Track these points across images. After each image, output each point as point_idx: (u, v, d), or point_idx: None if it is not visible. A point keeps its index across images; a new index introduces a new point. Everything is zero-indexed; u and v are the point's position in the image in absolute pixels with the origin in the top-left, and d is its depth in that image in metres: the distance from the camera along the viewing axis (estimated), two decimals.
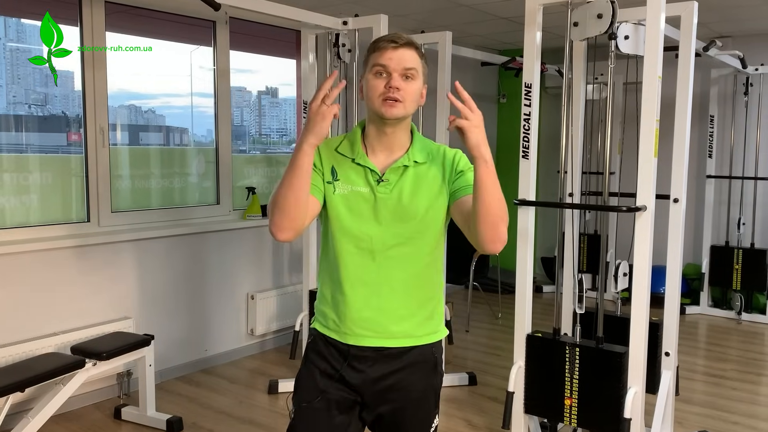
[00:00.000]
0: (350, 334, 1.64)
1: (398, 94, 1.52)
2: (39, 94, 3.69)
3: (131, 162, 4.12)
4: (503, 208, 1.52)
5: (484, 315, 5.54)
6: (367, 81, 1.57)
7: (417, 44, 1.58)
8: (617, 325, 2.93)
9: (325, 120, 1.43)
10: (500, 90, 6.88)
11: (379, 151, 1.63)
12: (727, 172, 5.61)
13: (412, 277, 1.63)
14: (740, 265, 5.38)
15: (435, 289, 1.70)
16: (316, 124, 1.43)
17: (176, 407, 3.56)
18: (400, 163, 1.61)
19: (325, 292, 1.69)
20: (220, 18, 4.26)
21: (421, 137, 1.68)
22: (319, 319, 1.71)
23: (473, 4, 4.49)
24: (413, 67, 1.54)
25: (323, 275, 1.70)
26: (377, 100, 1.54)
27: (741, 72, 5.27)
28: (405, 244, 1.61)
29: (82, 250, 3.56)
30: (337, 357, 1.66)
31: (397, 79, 1.53)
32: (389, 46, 1.53)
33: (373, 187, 1.61)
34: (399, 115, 1.55)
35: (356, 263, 1.61)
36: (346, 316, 1.63)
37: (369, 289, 1.61)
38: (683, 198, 3.01)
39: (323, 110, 1.43)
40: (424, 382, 1.69)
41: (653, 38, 2.48)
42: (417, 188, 1.61)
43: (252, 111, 5.12)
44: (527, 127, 2.78)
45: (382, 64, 1.53)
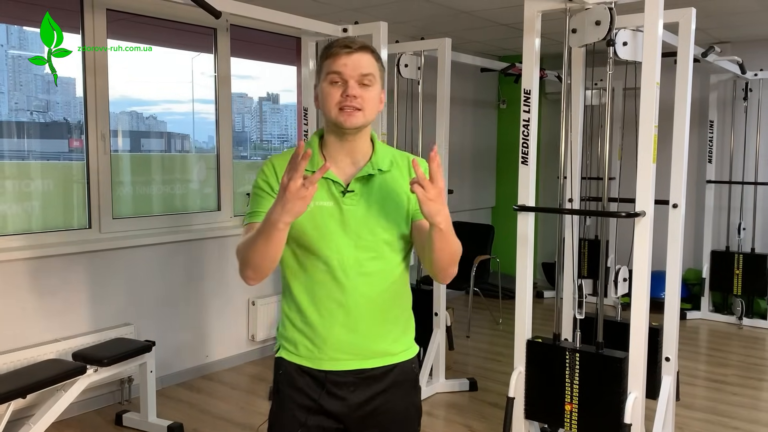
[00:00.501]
0: (326, 360, 1.53)
1: (356, 102, 1.45)
2: (41, 101, 3.71)
3: (132, 168, 4.14)
4: (455, 256, 1.50)
5: (485, 320, 5.55)
6: (322, 90, 1.48)
7: (372, 47, 1.51)
8: (617, 330, 2.93)
9: (305, 202, 1.31)
10: (500, 96, 6.91)
11: (339, 160, 1.54)
12: (727, 177, 5.62)
13: (385, 292, 1.54)
14: (741, 270, 5.38)
15: (407, 301, 1.64)
16: (295, 206, 1.31)
17: (177, 413, 3.57)
18: (365, 172, 1.52)
19: (292, 317, 1.56)
20: (220, 25, 4.28)
21: (382, 144, 1.61)
22: (287, 347, 1.58)
23: (473, 10, 4.51)
24: (370, 72, 1.47)
25: (288, 300, 1.58)
26: (334, 110, 1.46)
27: (740, 77, 5.29)
28: (377, 257, 1.52)
29: (84, 257, 3.57)
30: (313, 386, 1.55)
31: (353, 87, 1.45)
32: (343, 51, 1.45)
33: (339, 199, 1.50)
34: (359, 124, 1.47)
35: (328, 283, 1.50)
36: (322, 341, 1.52)
37: (344, 310, 1.51)
38: (682, 203, 3.02)
39: (303, 194, 1.29)
40: (406, 400, 1.63)
41: (651, 44, 2.49)
42: (384, 197, 1.53)
43: (253, 117, 5.14)
44: (526, 133, 2.79)
45: (336, 71, 1.45)
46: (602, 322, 2.77)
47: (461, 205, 6.20)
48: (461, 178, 6.31)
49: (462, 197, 6.21)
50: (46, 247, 3.42)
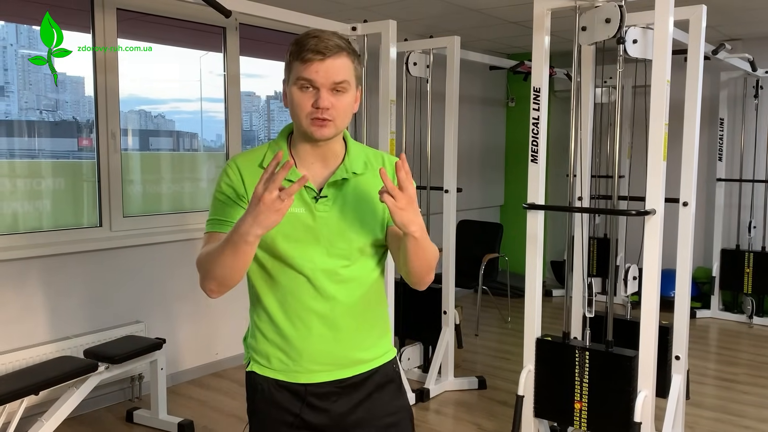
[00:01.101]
0: (303, 372, 1.46)
1: (327, 113, 1.36)
2: (50, 100, 3.73)
3: (142, 167, 4.16)
4: (432, 263, 1.46)
5: (494, 319, 5.54)
6: (292, 94, 1.39)
7: (346, 46, 1.39)
8: (627, 328, 2.93)
9: (280, 215, 1.23)
10: (509, 93, 6.89)
11: (310, 163, 1.45)
12: (738, 175, 5.59)
13: (362, 299, 1.48)
14: (751, 268, 5.35)
15: (384, 306, 1.58)
16: (268, 218, 1.22)
17: (187, 411, 3.59)
18: (338, 176, 1.44)
19: (264, 329, 1.48)
20: (230, 24, 4.29)
21: (356, 143, 1.52)
22: (259, 361, 1.50)
23: (481, 8, 4.50)
24: (344, 79, 1.37)
25: (258, 311, 1.50)
26: (305, 120, 1.38)
27: (751, 75, 5.25)
28: (352, 264, 1.46)
29: (95, 255, 3.59)
30: (292, 401, 1.47)
31: (325, 97, 1.35)
32: (315, 58, 1.34)
33: (311, 206, 1.42)
34: (330, 136, 1.40)
35: (301, 293, 1.43)
36: (299, 353, 1.45)
37: (319, 319, 1.44)
38: (693, 201, 3.01)
39: (278, 206, 1.21)
40: (395, 404, 1.55)
41: (661, 42, 2.48)
42: (359, 202, 1.46)
43: (261, 116, 5.16)
44: (536, 131, 2.79)
45: (307, 78, 1.35)
46: (612, 320, 2.77)
47: (470, 203, 6.19)
48: (470, 177, 6.30)
49: (470, 195, 6.21)
50: (57, 245, 3.45)
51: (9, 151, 3.55)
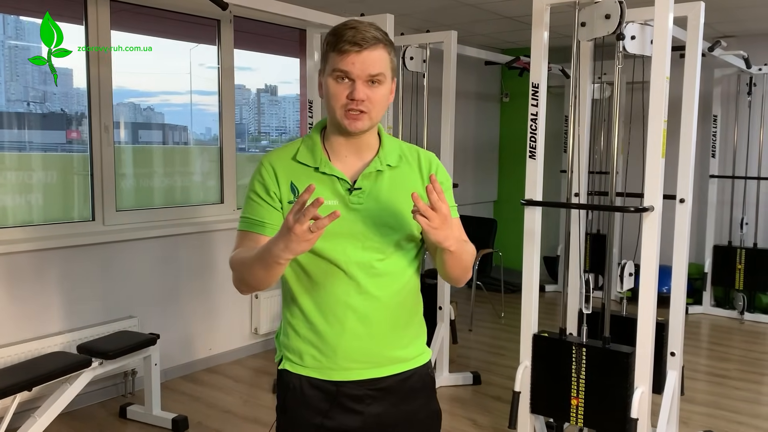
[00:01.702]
0: (337, 369, 1.44)
1: (363, 105, 1.36)
2: (38, 92, 3.69)
3: (134, 160, 4.12)
4: (469, 264, 1.47)
5: (488, 314, 5.55)
6: (327, 85, 1.38)
7: (383, 38, 1.38)
8: (622, 325, 2.93)
9: (310, 244, 1.23)
10: (503, 89, 6.89)
11: (344, 156, 1.45)
12: (730, 172, 5.61)
13: (397, 294, 1.46)
14: (743, 264, 5.38)
15: (419, 305, 1.56)
16: (299, 246, 1.22)
17: (181, 406, 3.56)
18: (372, 168, 1.44)
19: (297, 326, 1.47)
20: (224, 17, 4.25)
21: (390, 137, 1.52)
22: (291, 358, 1.49)
23: (477, 3, 4.49)
24: (380, 72, 1.37)
25: (291, 307, 1.48)
26: (339, 111, 1.37)
27: (744, 72, 5.27)
28: (387, 258, 1.44)
29: (88, 249, 3.56)
30: (323, 401, 1.46)
31: (361, 89, 1.35)
32: (352, 50, 1.33)
33: (345, 198, 1.41)
34: (365, 128, 1.40)
35: (335, 287, 1.42)
36: (332, 350, 1.43)
37: (355, 315, 1.42)
38: (689, 198, 3.02)
39: (309, 237, 1.20)
40: (427, 409, 1.55)
41: (661, 38, 2.48)
42: (393, 194, 1.44)
43: (251, 109, 5.12)
44: (534, 127, 2.78)
45: (343, 69, 1.35)
46: (609, 316, 2.77)
47: (464, 198, 6.19)
48: (464, 172, 6.29)
49: (464, 191, 6.21)
50: (50, 239, 3.41)
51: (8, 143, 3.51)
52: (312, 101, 3.69)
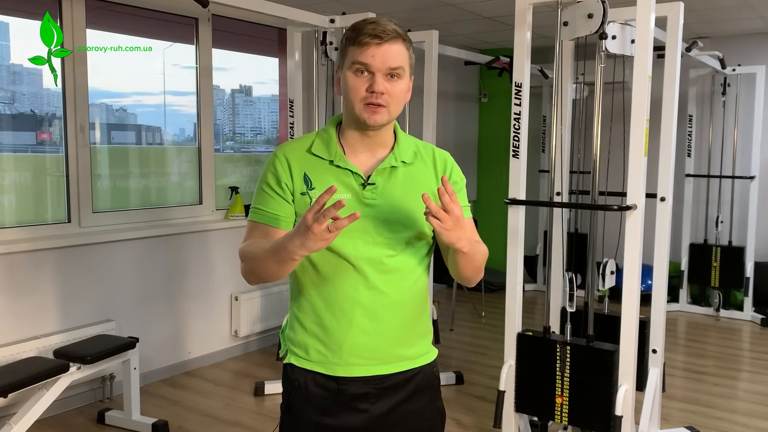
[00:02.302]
0: (342, 365, 1.43)
1: (382, 98, 1.36)
2: (6, 92, 3.60)
3: (110, 161, 4.05)
4: (481, 264, 1.47)
5: (468, 314, 5.56)
6: (346, 78, 1.38)
7: (403, 33, 1.38)
8: (605, 323, 2.95)
9: (327, 243, 1.24)
10: (481, 89, 6.90)
11: (359, 151, 1.45)
12: (706, 171, 5.69)
13: (406, 291, 1.46)
14: (718, 262, 5.46)
15: (426, 304, 1.56)
16: (316, 244, 1.23)
17: (161, 410, 3.50)
18: (386, 164, 1.43)
19: (304, 320, 1.46)
20: (202, 15, 4.20)
21: (405, 134, 1.52)
22: (297, 352, 1.48)
23: (457, 2, 4.49)
24: (400, 65, 1.37)
25: (300, 301, 1.47)
26: (358, 104, 1.37)
27: (719, 72, 5.35)
28: (398, 254, 1.43)
29: (64, 252, 3.48)
30: (328, 398, 1.45)
31: (380, 82, 1.35)
32: (372, 42, 1.33)
33: (358, 192, 1.41)
34: (383, 122, 1.39)
35: (344, 283, 1.41)
36: (338, 345, 1.43)
37: (363, 311, 1.41)
38: (670, 197, 3.05)
39: (326, 236, 1.21)
40: (431, 407, 1.54)
41: (643, 38, 2.50)
42: (407, 191, 1.44)
43: (225, 110, 5.07)
44: (518, 126, 2.78)
45: (363, 62, 1.35)
46: (592, 315, 2.78)
47: None
48: None
49: None
50: (24, 242, 3.33)
51: None
52: (293, 100, 3.65)
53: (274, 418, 3.47)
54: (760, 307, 5.37)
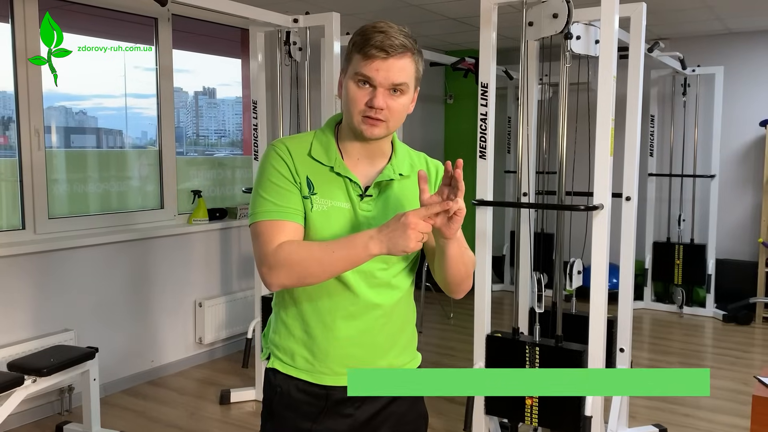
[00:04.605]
0: (328, 374, 1.42)
1: (381, 114, 1.33)
2: None
3: (68, 166, 3.91)
4: (470, 269, 1.45)
5: (436, 315, 5.54)
6: (347, 87, 1.35)
7: (412, 46, 1.34)
8: (573, 323, 2.95)
9: (418, 244, 1.24)
10: (446, 90, 6.91)
11: (357, 159, 1.43)
12: (668, 170, 5.78)
13: (396, 304, 1.46)
14: (681, 260, 5.55)
15: (413, 314, 1.56)
16: (408, 243, 1.23)
17: (123, 422, 3.40)
18: (385, 176, 1.42)
19: (291, 325, 1.44)
20: (162, 15, 4.10)
21: (402, 144, 1.50)
22: (282, 358, 1.45)
23: (422, 3, 4.47)
24: (404, 81, 1.33)
25: (289, 307, 1.45)
26: (357, 116, 1.34)
27: (679, 73, 5.44)
28: (390, 267, 1.43)
29: (18, 260, 3.35)
30: (313, 404, 1.43)
31: (381, 98, 1.32)
32: (378, 56, 1.30)
33: (355, 203, 1.40)
34: (381, 136, 1.37)
35: (336, 293, 1.40)
36: (325, 354, 1.41)
37: (354, 322, 1.41)
38: (635, 196, 3.06)
39: (414, 239, 1.22)
40: (415, 411, 1.54)
41: (608, 38, 2.50)
42: (401, 205, 1.43)
43: (189, 112, 4.97)
44: (484, 127, 2.76)
45: (366, 75, 1.32)
46: (561, 315, 2.78)
47: None
48: None
49: None
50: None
51: None
52: (256, 102, 3.58)
53: (241, 426, 3.39)
54: (722, 304, 5.46)
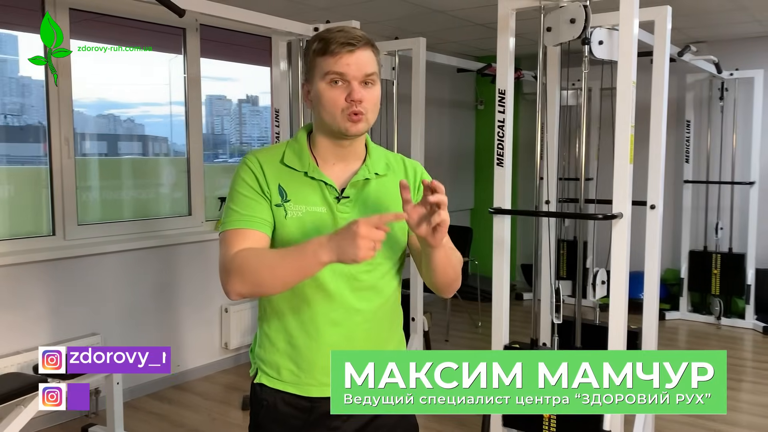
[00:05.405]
0: (316, 385, 1.39)
1: (362, 106, 1.32)
2: (15, 104, 3.60)
3: (101, 173, 4.02)
4: (458, 270, 1.41)
5: (464, 324, 5.48)
6: (320, 91, 1.33)
7: (371, 40, 1.36)
8: (596, 333, 2.88)
9: (369, 253, 1.19)
10: (477, 96, 6.85)
11: (332, 162, 1.41)
12: (704, 177, 5.61)
13: (381, 308, 1.42)
14: (719, 269, 5.37)
15: (400, 318, 1.52)
16: (358, 252, 1.18)
17: (146, 425, 3.45)
18: (360, 177, 1.40)
19: (275, 339, 1.41)
20: (190, 25, 4.17)
21: (376, 145, 1.48)
22: (268, 372, 1.43)
23: (448, 10, 4.45)
24: (374, 71, 1.34)
25: (271, 320, 1.42)
26: (339, 115, 1.32)
27: (716, 77, 5.28)
28: (373, 270, 1.39)
29: (48, 265, 3.44)
30: (300, 417, 1.40)
31: (358, 90, 1.31)
32: (344, 50, 1.30)
33: (332, 206, 1.37)
34: (363, 131, 1.36)
35: (318, 300, 1.37)
36: (311, 365, 1.38)
37: (336, 329, 1.38)
38: (660, 204, 2.98)
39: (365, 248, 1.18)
40: (404, 423, 1.49)
41: (626, 43, 2.44)
42: (380, 204, 1.41)
43: (232, 119, 5.05)
44: (501, 134, 2.73)
45: (338, 72, 1.31)
46: (580, 325, 2.72)
47: None
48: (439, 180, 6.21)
49: None
50: (8, 255, 3.29)
51: None
52: (279, 110, 3.61)
53: None
54: (762, 315, 5.27)
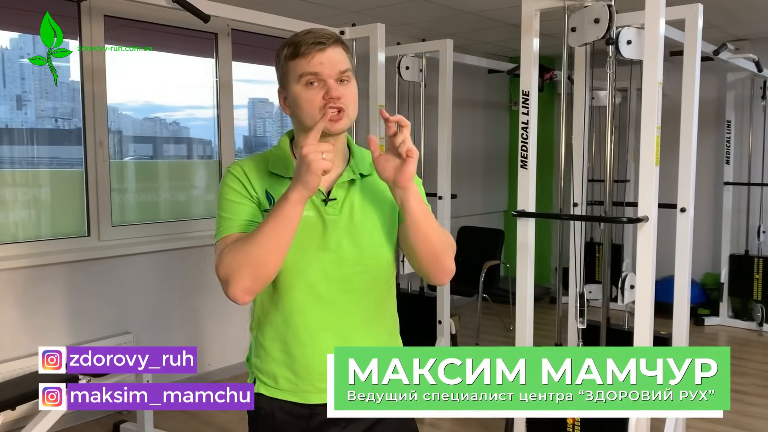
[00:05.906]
0: (314, 391, 1.37)
1: (341, 102, 1.31)
2: (66, 108, 3.73)
3: (138, 175, 4.11)
4: (445, 238, 1.38)
5: (495, 327, 5.43)
6: (297, 94, 1.32)
7: (340, 37, 1.37)
8: (623, 338, 2.82)
9: (322, 163, 1.22)
10: (511, 97, 6.78)
11: None
12: (746, 179, 5.43)
13: (374, 309, 1.41)
14: (761, 274, 5.20)
15: (395, 316, 1.51)
16: (311, 167, 1.21)
17: (175, 423, 3.51)
18: (345, 178, 1.39)
19: (269, 347, 1.40)
20: (222, 30, 4.24)
21: (358, 146, 1.47)
22: (266, 381, 1.42)
23: (479, 11, 4.41)
24: (347, 68, 1.33)
25: (264, 328, 1.41)
26: (318, 115, 1.31)
27: (758, 76, 5.11)
28: (363, 271, 1.38)
29: (82, 265, 3.54)
30: (297, 425, 1.39)
31: (335, 87, 1.30)
32: (315, 49, 1.30)
33: (320, 209, 1.36)
34: (346, 127, 1.35)
35: (313, 306, 1.35)
36: (307, 371, 1.37)
37: (333, 334, 1.36)
38: (691, 207, 2.90)
39: (325, 164, 1.22)
40: (404, 429, 1.47)
41: (652, 42, 2.38)
42: (367, 203, 1.39)
43: (274, 122, 5.12)
44: (525, 135, 2.69)
45: (312, 72, 1.30)
46: (605, 330, 2.66)
47: (472, 209, 6.09)
48: (471, 182, 6.19)
49: (473, 201, 6.11)
50: (43, 255, 3.40)
51: (28, 160, 3.59)
52: None
53: None
54: None
